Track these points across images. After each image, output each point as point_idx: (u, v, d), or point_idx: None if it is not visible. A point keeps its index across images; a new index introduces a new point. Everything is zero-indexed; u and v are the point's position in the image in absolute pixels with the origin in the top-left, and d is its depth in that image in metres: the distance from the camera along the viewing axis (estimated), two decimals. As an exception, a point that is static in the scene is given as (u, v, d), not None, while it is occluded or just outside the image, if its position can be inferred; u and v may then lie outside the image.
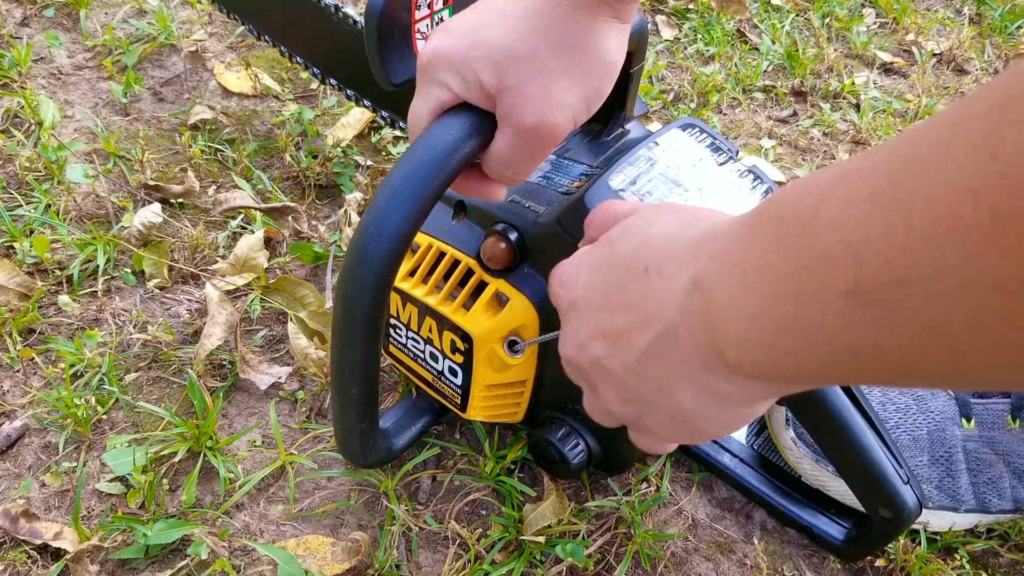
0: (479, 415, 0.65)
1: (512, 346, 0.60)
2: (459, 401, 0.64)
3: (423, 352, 0.65)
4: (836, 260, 0.25)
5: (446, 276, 0.61)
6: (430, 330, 0.62)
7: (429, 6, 0.55)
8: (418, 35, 0.55)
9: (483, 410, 0.64)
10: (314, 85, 1.12)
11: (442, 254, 0.61)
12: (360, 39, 0.78)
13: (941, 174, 0.22)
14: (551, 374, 0.63)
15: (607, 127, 0.62)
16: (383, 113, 0.85)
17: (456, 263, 0.60)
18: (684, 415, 0.37)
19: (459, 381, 0.63)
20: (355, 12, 0.79)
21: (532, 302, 0.58)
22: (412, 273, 0.63)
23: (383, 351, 0.69)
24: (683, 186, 0.55)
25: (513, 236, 0.57)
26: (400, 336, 0.66)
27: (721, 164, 0.57)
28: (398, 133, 1.01)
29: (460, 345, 0.60)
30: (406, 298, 0.62)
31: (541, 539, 0.64)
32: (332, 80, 0.88)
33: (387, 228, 0.44)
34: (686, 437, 0.40)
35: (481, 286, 0.59)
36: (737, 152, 0.59)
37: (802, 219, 0.27)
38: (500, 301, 0.59)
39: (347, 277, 0.46)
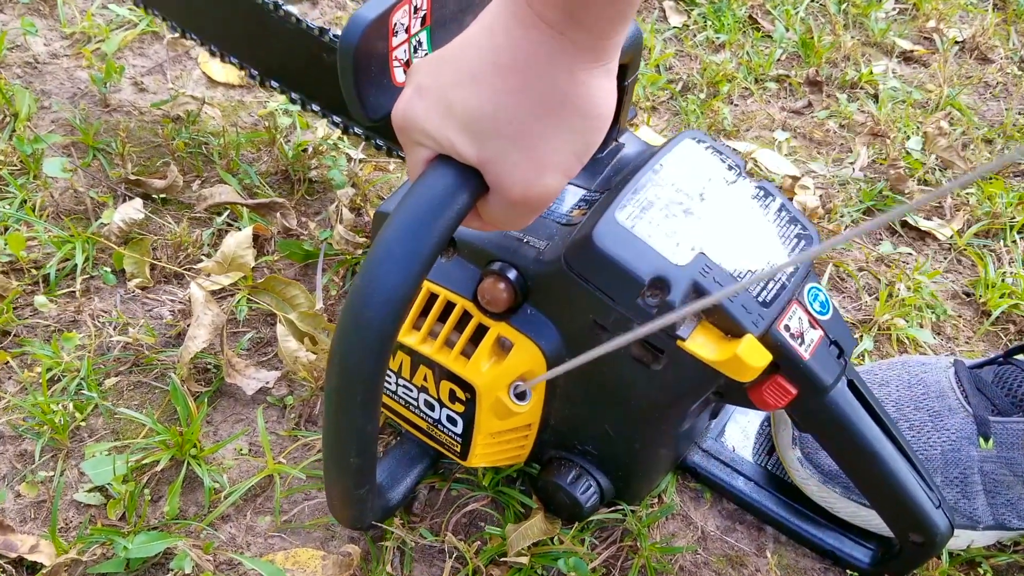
0: (481, 462, 0.64)
1: (518, 392, 0.59)
2: (459, 449, 0.63)
3: (416, 400, 0.63)
4: None
5: (440, 320, 0.59)
6: (424, 379, 0.61)
7: (406, 30, 0.54)
8: (395, 62, 0.54)
9: (485, 456, 0.64)
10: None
11: (433, 296, 0.59)
12: (307, 38, 0.77)
13: None
14: (559, 413, 0.62)
15: (600, 144, 0.62)
16: (334, 118, 0.83)
17: (450, 306, 0.58)
18: None
19: (459, 429, 0.61)
20: (297, 10, 0.78)
21: (538, 345, 0.56)
22: None
23: None
24: (694, 213, 0.54)
25: (512, 275, 0.55)
26: (389, 383, 0.64)
27: (732, 183, 0.57)
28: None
29: (461, 395, 0.59)
30: (396, 345, 0.60)
31: (524, 560, 0.64)
32: (273, 83, 0.86)
33: (384, 291, 0.42)
34: None
35: (480, 330, 0.58)
36: (745, 166, 0.58)
37: None
38: (503, 346, 0.58)
39: (343, 342, 0.45)
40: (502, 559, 0.65)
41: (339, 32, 0.54)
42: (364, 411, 0.47)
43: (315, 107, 0.84)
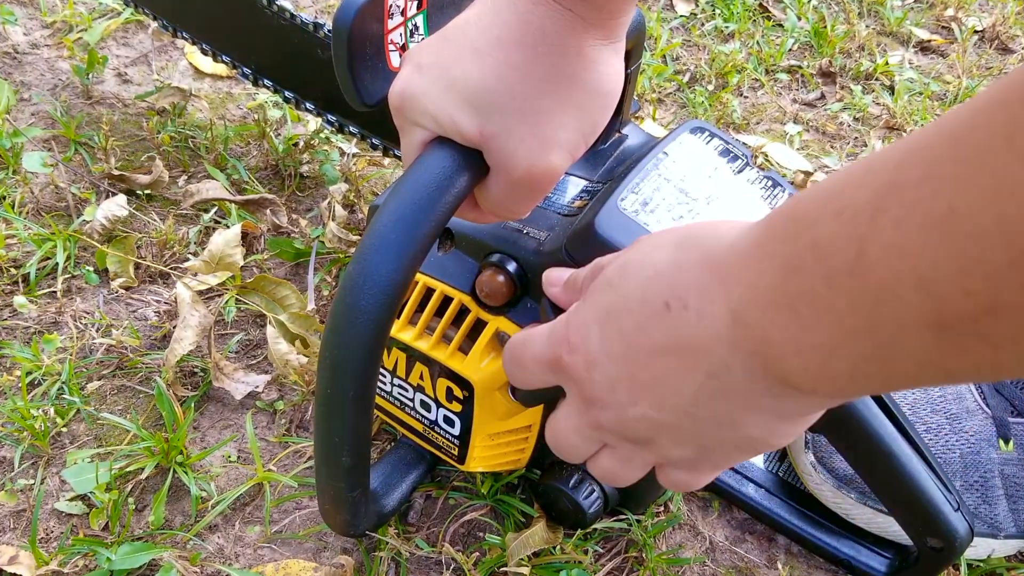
0: (480, 466, 0.64)
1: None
2: (456, 452, 0.63)
3: (412, 401, 0.63)
4: (904, 295, 0.25)
5: (437, 315, 0.59)
6: (420, 377, 0.61)
7: (402, 13, 0.54)
8: (391, 46, 0.54)
9: (484, 460, 0.64)
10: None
11: (430, 290, 0.59)
12: (300, 34, 0.77)
13: (1011, 196, 0.22)
14: None
15: (603, 134, 0.62)
16: (329, 117, 0.83)
17: (447, 300, 0.59)
18: (751, 440, 0.37)
19: (456, 431, 0.62)
20: (291, 5, 0.78)
21: None
22: (397, 314, 0.61)
23: None
24: (699, 202, 0.54)
25: (512, 267, 0.55)
26: (384, 384, 0.64)
27: (738, 172, 0.57)
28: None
29: (458, 393, 0.59)
30: (391, 342, 0.60)
31: (524, 570, 0.64)
32: (267, 81, 0.86)
33: (378, 279, 0.42)
34: (745, 457, 0.39)
35: (479, 325, 0.58)
36: (751, 155, 0.59)
37: (848, 251, 0.27)
38: (502, 341, 0.58)
39: (334, 335, 0.44)
40: (501, 570, 0.65)
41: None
42: (357, 407, 0.47)
43: (309, 105, 0.84)
